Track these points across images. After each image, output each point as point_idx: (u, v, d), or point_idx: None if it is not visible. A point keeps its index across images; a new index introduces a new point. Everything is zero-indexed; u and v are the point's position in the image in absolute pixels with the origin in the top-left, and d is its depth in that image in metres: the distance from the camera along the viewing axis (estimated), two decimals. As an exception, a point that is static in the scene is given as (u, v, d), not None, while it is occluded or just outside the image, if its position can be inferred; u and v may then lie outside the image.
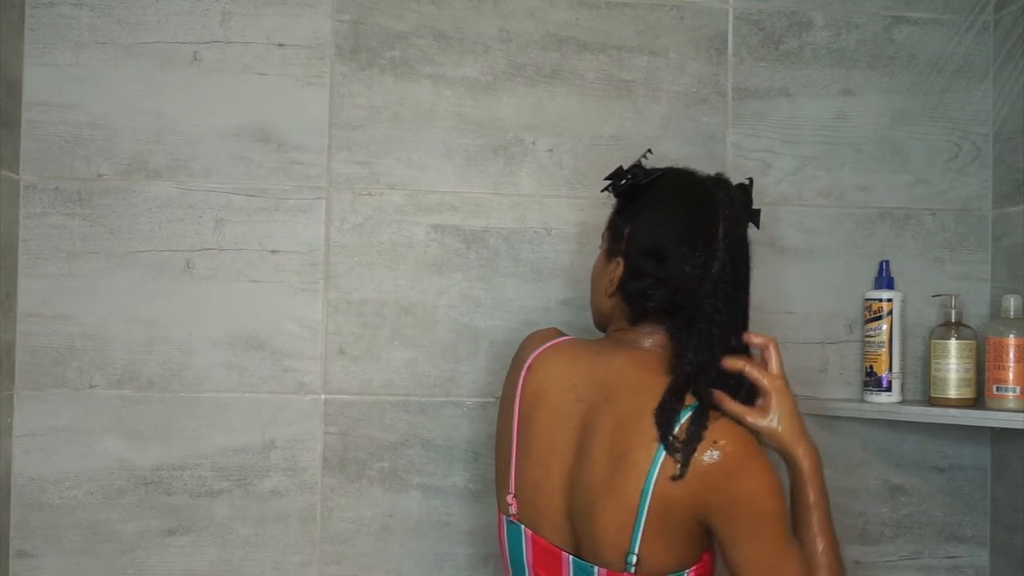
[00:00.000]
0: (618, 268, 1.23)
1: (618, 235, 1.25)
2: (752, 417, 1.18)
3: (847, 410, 1.58)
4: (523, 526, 1.21)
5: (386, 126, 1.56)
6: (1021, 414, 1.40)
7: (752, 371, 1.20)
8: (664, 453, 1.10)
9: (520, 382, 1.25)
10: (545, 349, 1.26)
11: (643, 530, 1.11)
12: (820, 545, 1.16)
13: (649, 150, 1.32)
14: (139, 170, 1.52)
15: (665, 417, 1.11)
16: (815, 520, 1.18)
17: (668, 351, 1.21)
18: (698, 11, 1.61)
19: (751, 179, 1.28)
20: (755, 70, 1.62)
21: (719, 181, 1.26)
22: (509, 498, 1.23)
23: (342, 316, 1.55)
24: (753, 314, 1.60)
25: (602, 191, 1.30)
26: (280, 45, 1.55)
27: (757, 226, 1.28)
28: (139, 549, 1.51)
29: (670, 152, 1.59)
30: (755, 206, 1.28)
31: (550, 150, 1.58)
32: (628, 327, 1.23)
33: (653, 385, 1.15)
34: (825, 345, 1.62)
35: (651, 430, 1.11)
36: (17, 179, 1.50)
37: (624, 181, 1.27)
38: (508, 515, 1.23)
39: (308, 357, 1.54)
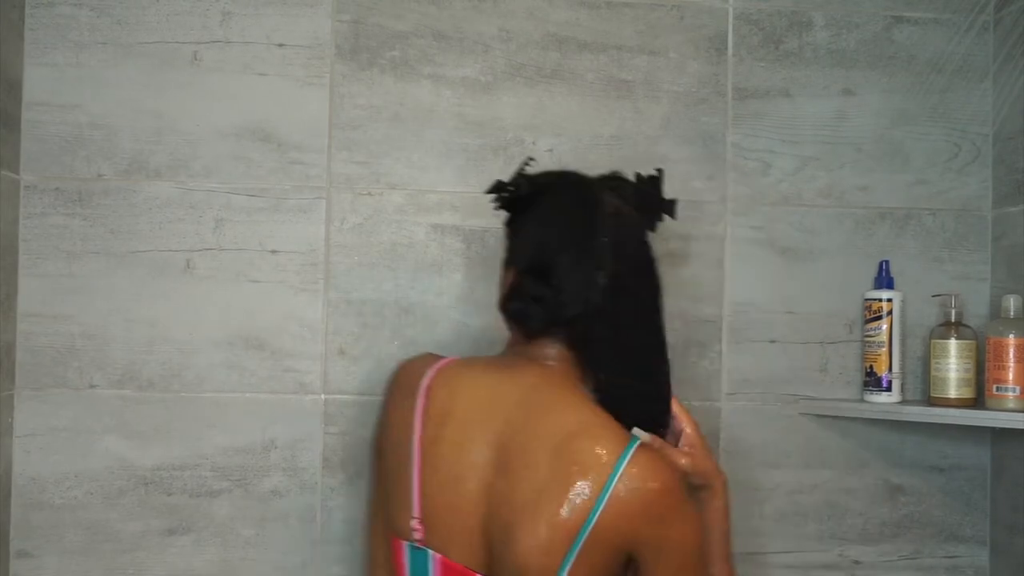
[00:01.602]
0: (508, 280, 1.21)
1: (507, 246, 1.24)
2: (686, 459, 1.20)
3: (847, 410, 1.58)
4: (430, 551, 1.13)
5: (386, 126, 1.56)
6: (1021, 414, 1.40)
7: (678, 408, 1.22)
8: (615, 480, 1.06)
9: (420, 404, 1.16)
10: (441, 369, 1.19)
11: (576, 556, 1.06)
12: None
13: (531, 157, 1.29)
14: (139, 170, 1.52)
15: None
16: (726, 547, 1.22)
17: (574, 364, 1.18)
18: (698, 11, 1.61)
19: (660, 169, 1.25)
20: (755, 70, 1.62)
21: (610, 181, 1.23)
22: (414, 523, 1.14)
23: (342, 316, 1.55)
24: (754, 314, 1.61)
25: (496, 208, 1.27)
26: (280, 45, 1.55)
27: (673, 216, 1.24)
28: (139, 549, 1.51)
29: (670, 152, 1.60)
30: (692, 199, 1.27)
31: (550, 150, 1.58)
32: (526, 342, 1.19)
33: (576, 402, 1.14)
34: (825, 345, 1.62)
35: (600, 455, 1.08)
36: (17, 179, 1.50)
37: (506, 194, 1.24)
38: (411, 540, 1.15)
39: (308, 357, 1.54)
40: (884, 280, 1.57)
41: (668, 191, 1.60)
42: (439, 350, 1.54)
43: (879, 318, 1.55)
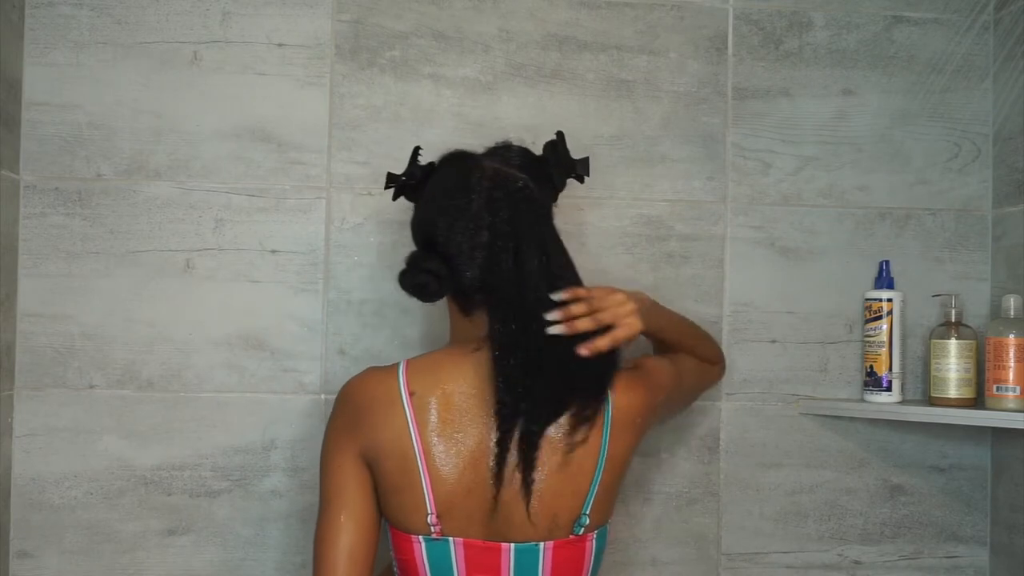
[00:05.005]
0: None
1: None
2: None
3: (847, 410, 1.58)
4: (451, 539, 1.19)
5: (386, 126, 1.56)
6: (1021, 414, 1.40)
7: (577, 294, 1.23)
8: (610, 413, 1.20)
9: (410, 411, 1.18)
10: (410, 375, 1.21)
11: (596, 490, 1.19)
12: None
13: (419, 147, 1.33)
14: (139, 170, 1.52)
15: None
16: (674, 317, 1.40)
17: None
18: (698, 11, 1.61)
19: (560, 132, 1.31)
20: (755, 70, 1.62)
21: (496, 149, 1.29)
22: (431, 519, 1.18)
23: (342, 316, 1.55)
24: (754, 314, 1.61)
25: (394, 199, 1.34)
26: (280, 45, 1.55)
27: (586, 174, 1.31)
28: (139, 549, 1.51)
29: (670, 152, 1.60)
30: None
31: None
32: (467, 322, 1.24)
33: None
34: (825, 345, 1.62)
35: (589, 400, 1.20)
36: (17, 179, 1.50)
37: (400, 184, 1.31)
38: (428, 536, 1.19)
39: (308, 357, 1.54)
40: (884, 280, 1.57)
41: (669, 191, 1.61)
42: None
43: (879, 318, 1.55)
